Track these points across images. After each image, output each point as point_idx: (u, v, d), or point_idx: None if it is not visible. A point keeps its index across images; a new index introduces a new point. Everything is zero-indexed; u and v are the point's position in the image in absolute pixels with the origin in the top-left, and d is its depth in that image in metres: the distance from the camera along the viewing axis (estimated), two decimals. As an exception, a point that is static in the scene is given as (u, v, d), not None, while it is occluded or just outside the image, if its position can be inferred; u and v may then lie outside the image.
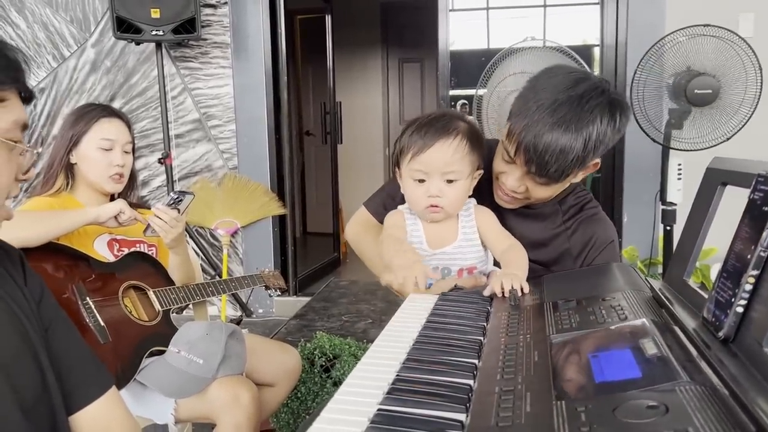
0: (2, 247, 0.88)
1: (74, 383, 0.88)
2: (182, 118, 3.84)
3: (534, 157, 1.18)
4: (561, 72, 1.25)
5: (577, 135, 1.16)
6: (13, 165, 0.80)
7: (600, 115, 1.17)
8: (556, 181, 1.24)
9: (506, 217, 1.43)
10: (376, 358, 0.86)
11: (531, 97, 1.22)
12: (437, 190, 1.26)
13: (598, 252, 1.38)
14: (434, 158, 1.25)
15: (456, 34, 4.02)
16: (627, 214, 3.52)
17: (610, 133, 1.19)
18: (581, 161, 1.20)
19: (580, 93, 1.17)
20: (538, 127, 1.17)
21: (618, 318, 0.83)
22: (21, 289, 0.85)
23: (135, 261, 1.73)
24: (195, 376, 1.52)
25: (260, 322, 3.82)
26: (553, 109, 1.17)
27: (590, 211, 1.43)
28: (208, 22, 3.72)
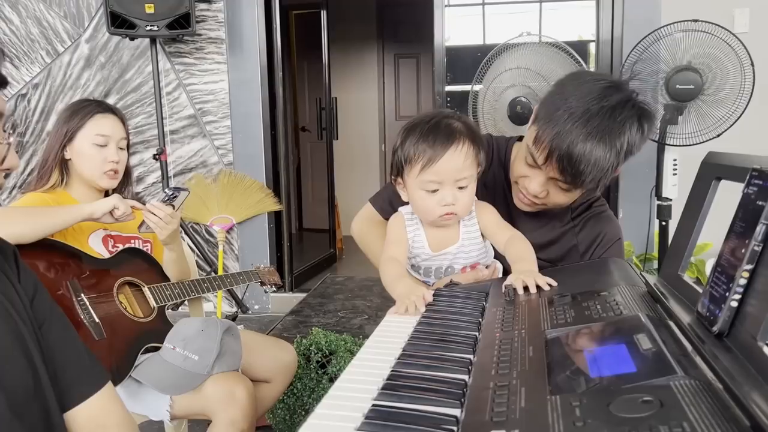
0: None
1: (69, 380, 0.88)
2: (177, 113, 3.83)
3: (568, 168, 1.18)
4: (589, 78, 1.24)
5: (610, 146, 1.16)
6: None
7: (630, 126, 1.18)
8: (593, 189, 1.24)
9: (517, 217, 1.43)
10: (371, 354, 0.86)
11: (561, 104, 1.20)
12: (452, 198, 1.24)
13: (605, 249, 1.39)
14: (447, 167, 1.22)
15: (452, 29, 4.01)
16: (623, 210, 3.53)
17: (638, 141, 1.20)
18: (613, 170, 1.21)
19: (613, 104, 1.17)
20: (572, 137, 1.16)
21: (613, 313, 0.83)
22: (14, 287, 0.84)
23: (130, 257, 1.73)
24: (190, 373, 1.52)
25: (256, 318, 3.82)
26: (586, 119, 1.16)
27: (598, 209, 1.44)
28: (202, 17, 3.70)
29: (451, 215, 1.26)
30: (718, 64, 2.44)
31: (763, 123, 2.95)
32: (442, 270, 1.35)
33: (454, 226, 1.33)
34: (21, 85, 3.89)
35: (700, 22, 2.44)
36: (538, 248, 1.39)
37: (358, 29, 6.15)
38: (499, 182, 1.45)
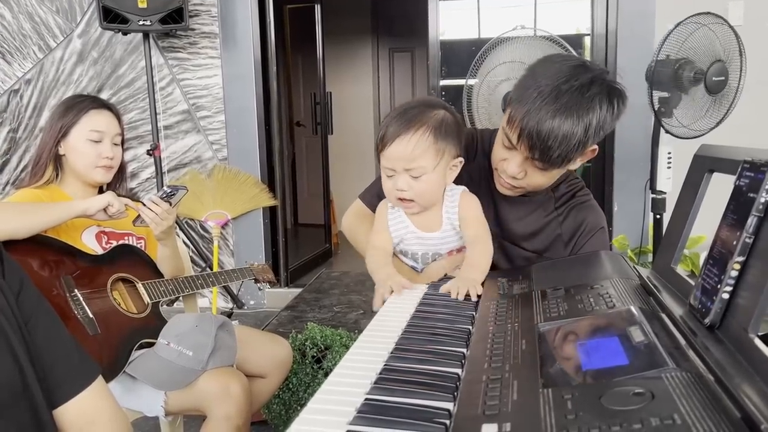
0: None
1: (58, 376, 0.87)
2: (171, 109, 3.81)
3: (537, 143, 1.20)
4: (559, 60, 1.27)
5: (578, 121, 1.18)
6: None
7: (600, 102, 1.20)
8: (557, 166, 1.25)
9: (501, 207, 1.44)
10: (365, 348, 0.86)
11: (531, 84, 1.23)
12: (404, 184, 1.26)
13: (588, 238, 1.40)
14: (395, 155, 1.25)
15: (447, 23, 4.00)
16: (617, 203, 3.53)
17: (609, 119, 1.22)
18: (582, 146, 1.22)
19: (582, 81, 1.19)
20: (540, 114, 1.19)
21: (606, 306, 0.83)
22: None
23: (123, 253, 1.72)
24: (185, 368, 1.51)
25: (251, 313, 3.82)
26: (554, 97, 1.18)
27: (581, 198, 1.45)
28: (195, 11, 3.68)
29: (409, 203, 1.29)
30: (720, 56, 2.44)
31: (753, 116, 2.95)
32: (428, 255, 1.36)
33: (437, 211, 1.34)
34: (13, 80, 3.87)
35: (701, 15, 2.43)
36: (523, 238, 1.42)
37: (352, 23, 6.13)
38: (483, 173, 1.46)
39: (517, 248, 1.44)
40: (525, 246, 1.44)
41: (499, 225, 1.45)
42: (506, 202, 1.44)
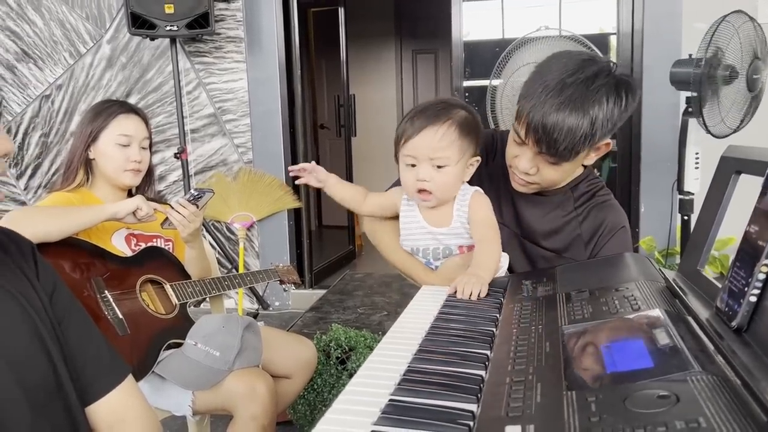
0: (14, 241, 0.88)
1: (90, 375, 0.89)
2: (197, 112, 3.87)
3: (543, 137, 1.21)
4: (567, 55, 1.28)
5: (583, 114, 1.19)
6: None
7: (606, 95, 1.20)
8: (566, 159, 1.25)
9: (520, 207, 1.45)
10: (389, 350, 0.86)
11: (538, 79, 1.25)
12: (426, 174, 1.29)
13: (608, 238, 1.39)
14: (422, 144, 1.28)
15: (470, 24, 4.00)
16: (644, 204, 3.49)
17: (617, 112, 1.22)
18: (589, 139, 1.22)
19: (587, 74, 1.20)
20: (545, 108, 1.20)
21: (631, 308, 0.83)
22: (32, 284, 0.85)
23: (152, 255, 1.75)
24: (212, 368, 1.54)
25: (276, 314, 3.85)
26: (559, 90, 1.19)
27: (601, 198, 1.44)
28: (221, 16, 3.73)
29: (426, 193, 1.31)
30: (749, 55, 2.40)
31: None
32: (439, 251, 1.38)
33: (447, 208, 1.36)
34: (45, 86, 3.96)
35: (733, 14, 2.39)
36: (542, 237, 1.42)
37: (376, 26, 6.15)
38: (503, 172, 1.47)
39: (536, 247, 1.44)
40: (544, 245, 1.43)
41: (519, 224, 1.46)
42: (525, 201, 1.45)
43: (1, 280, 0.80)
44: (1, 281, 0.80)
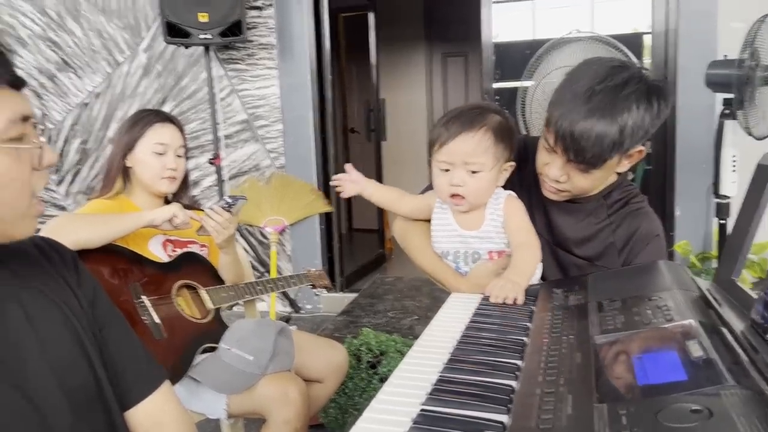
0: (57, 250, 0.91)
1: (128, 380, 0.92)
2: (230, 119, 3.93)
3: (571, 144, 1.21)
4: (598, 62, 1.27)
5: (611, 121, 1.18)
6: (24, 164, 0.76)
7: (636, 102, 1.19)
8: (595, 167, 1.24)
9: (552, 214, 1.44)
10: (419, 358, 0.87)
11: (567, 86, 1.25)
12: (459, 179, 1.31)
13: (643, 246, 1.37)
14: (457, 149, 1.30)
15: (501, 25, 3.98)
16: (679, 208, 3.42)
17: (648, 119, 1.21)
18: (618, 147, 1.21)
19: (617, 82, 1.19)
20: (574, 115, 1.20)
21: (664, 319, 0.82)
22: (74, 293, 0.88)
23: (187, 261, 1.79)
24: (245, 372, 1.56)
25: (308, 318, 3.89)
26: (587, 97, 1.19)
27: (635, 205, 1.42)
28: (253, 24, 3.79)
29: (460, 199, 1.33)
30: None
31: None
32: (468, 254, 1.39)
33: (479, 211, 1.37)
34: (84, 94, 4.07)
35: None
36: (575, 244, 1.41)
37: (405, 30, 6.16)
38: (535, 179, 1.46)
39: (568, 255, 1.43)
40: (576, 252, 1.42)
41: (551, 231, 1.45)
42: (557, 208, 1.44)
43: (45, 289, 0.84)
44: (44, 290, 0.84)
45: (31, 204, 0.77)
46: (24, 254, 0.85)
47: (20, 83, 0.76)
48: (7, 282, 0.80)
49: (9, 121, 0.73)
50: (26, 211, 0.76)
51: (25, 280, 0.83)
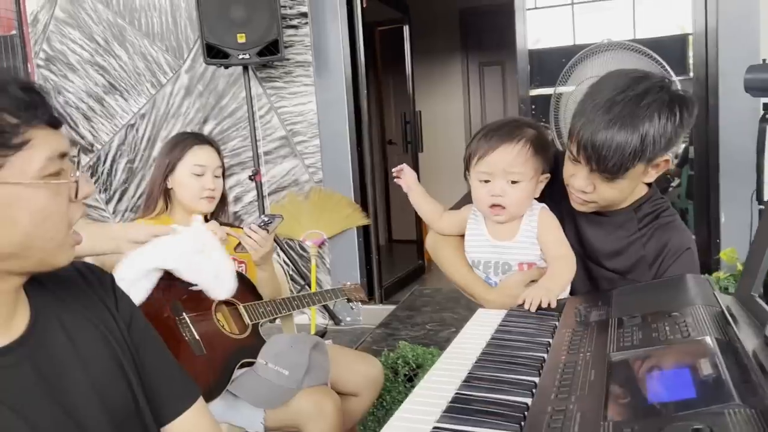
0: (95, 273, 0.96)
1: (164, 397, 0.96)
2: (269, 135, 4.03)
3: (593, 154, 1.23)
4: (619, 74, 1.29)
5: (633, 130, 1.19)
6: (61, 198, 0.81)
7: (658, 111, 1.20)
8: (617, 176, 1.25)
9: (582, 226, 1.44)
10: (440, 375, 0.89)
11: (589, 98, 1.27)
12: (500, 189, 1.34)
13: (674, 259, 1.37)
14: (498, 160, 1.34)
15: (540, 31, 3.96)
16: (724, 214, 3.34)
17: (671, 128, 1.21)
18: (640, 155, 1.22)
19: (638, 92, 1.21)
20: (594, 125, 1.21)
21: (681, 335, 0.82)
22: (112, 314, 0.93)
23: (226, 277, 1.85)
24: (281, 387, 1.61)
25: (348, 330, 3.93)
26: (608, 107, 1.21)
27: (666, 219, 1.42)
28: (290, 42, 3.88)
29: (499, 208, 1.36)
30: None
31: None
32: (499, 265, 1.41)
33: (514, 223, 1.40)
34: (130, 115, 4.23)
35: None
36: (606, 257, 1.41)
37: (442, 41, 6.19)
38: (564, 193, 1.47)
39: (599, 268, 1.44)
40: (607, 265, 1.43)
41: (582, 243, 1.46)
42: (587, 221, 1.45)
43: (85, 312, 0.90)
44: (85, 312, 0.90)
45: (68, 234, 0.82)
46: (65, 279, 0.91)
47: (58, 123, 0.81)
48: (50, 305, 0.86)
49: (47, 159, 0.78)
50: (64, 241, 0.81)
51: (67, 302, 0.89)
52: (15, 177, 0.75)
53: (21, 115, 0.75)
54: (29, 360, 0.80)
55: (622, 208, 1.41)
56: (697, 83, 3.37)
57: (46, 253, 0.80)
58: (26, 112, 0.76)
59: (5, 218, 0.75)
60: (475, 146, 1.39)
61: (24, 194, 0.76)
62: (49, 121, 0.79)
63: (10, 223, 0.75)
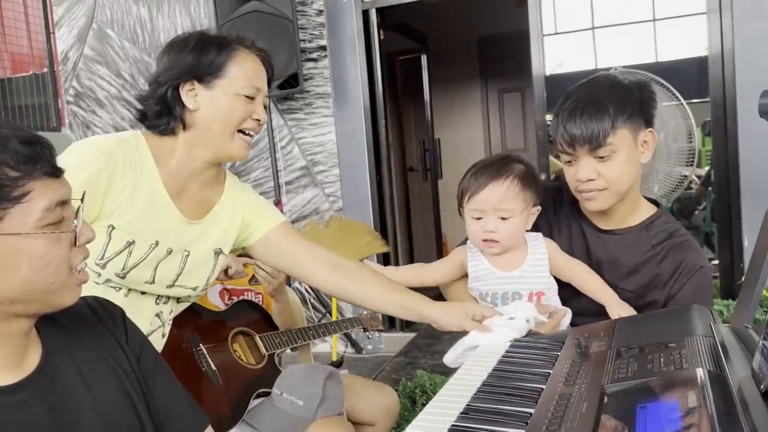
0: (107, 309, 1.00)
1: (173, 428, 0.99)
2: (290, 166, 4.10)
3: (575, 131, 1.34)
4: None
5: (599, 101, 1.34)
6: (62, 245, 0.83)
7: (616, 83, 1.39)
8: (605, 140, 1.33)
9: (595, 248, 1.47)
10: (439, 407, 0.91)
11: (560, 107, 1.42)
12: (492, 226, 1.39)
13: (689, 277, 1.40)
14: (487, 198, 1.40)
15: (562, 56, 3.99)
16: (747, 239, 3.29)
17: (637, 91, 1.38)
18: (619, 111, 1.33)
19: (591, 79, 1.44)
20: (567, 113, 1.36)
21: (674, 367, 0.84)
22: (122, 347, 0.97)
23: (243, 309, 1.90)
24: (296, 417, 1.63)
25: (370, 358, 3.93)
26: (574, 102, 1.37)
27: (679, 239, 1.44)
28: (310, 75, 3.97)
29: (491, 242, 1.41)
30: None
31: None
32: (508, 295, 1.43)
33: (521, 251, 1.43)
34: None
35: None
36: (620, 277, 1.42)
37: (460, 68, 6.25)
38: (573, 217, 1.52)
39: (614, 288, 1.44)
40: (622, 285, 1.44)
41: (593, 265, 1.47)
42: (598, 242, 1.47)
43: (95, 345, 0.94)
44: (94, 346, 0.94)
45: (70, 275, 0.85)
46: (77, 315, 0.95)
47: (59, 172, 0.84)
48: (61, 341, 0.91)
49: (45, 209, 0.80)
50: (66, 283, 0.84)
51: (78, 338, 0.93)
52: (14, 228, 0.78)
53: (21, 168, 0.78)
54: (40, 396, 0.84)
55: (633, 225, 1.45)
56: (715, 106, 3.36)
57: (50, 295, 0.83)
58: (26, 165, 0.78)
59: (6, 267, 0.78)
60: (466, 184, 1.44)
61: (23, 244, 0.78)
62: (49, 171, 0.81)
63: (11, 270, 0.78)
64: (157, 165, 1.35)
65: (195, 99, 1.33)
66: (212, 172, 1.43)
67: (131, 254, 1.31)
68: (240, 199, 1.50)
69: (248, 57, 1.37)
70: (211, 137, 1.34)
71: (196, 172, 1.39)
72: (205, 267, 1.44)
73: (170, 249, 1.36)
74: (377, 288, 1.48)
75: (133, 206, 1.30)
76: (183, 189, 1.39)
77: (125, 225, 1.29)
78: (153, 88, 1.37)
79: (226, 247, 1.48)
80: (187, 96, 1.33)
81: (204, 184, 1.43)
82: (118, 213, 1.28)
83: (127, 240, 1.30)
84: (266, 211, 1.53)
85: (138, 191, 1.31)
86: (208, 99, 1.33)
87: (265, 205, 1.55)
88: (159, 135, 1.37)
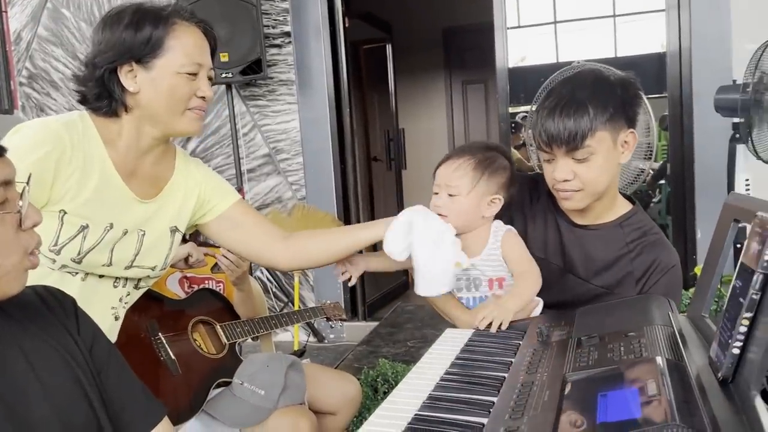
0: (57, 298, 0.97)
1: (128, 418, 0.97)
2: (253, 153, 4.04)
3: (553, 131, 1.33)
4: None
5: (578, 101, 1.33)
6: (7, 226, 0.80)
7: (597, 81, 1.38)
8: (584, 140, 1.32)
9: (568, 244, 1.48)
10: (402, 396, 0.91)
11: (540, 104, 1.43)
12: (441, 201, 1.43)
13: (661, 275, 1.41)
14: (442, 173, 1.45)
15: (525, 50, 4.02)
16: (700, 230, 3.39)
17: (619, 90, 1.36)
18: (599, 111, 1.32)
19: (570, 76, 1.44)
20: (546, 112, 1.35)
21: (634, 355, 0.85)
22: (73, 338, 0.94)
23: (203, 297, 1.86)
24: (257, 407, 1.62)
25: (332, 347, 3.92)
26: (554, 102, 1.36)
27: (653, 237, 1.46)
28: (273, 61, 3.91)
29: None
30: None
31: None
32: (470, 281, 1.46)
33: (479, 240, 1.45)
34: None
35: None
36: (592, 273, 1.43)
37: (424, 59, 6.25)
38: (549, 210, 1.52)
39: (585, 284, 1.46)
40: (594, 281, 1.45)
41: (566, 260, 1.48)
42: (573, 237, 1.48)
43: (45, 336, 0.90)
44: (45, 336, 0.90)
45: (19, 262, 0.81)
46: (25, 303, 0.91)
47: (1, 152, 0.80)
48: (9, 329, 0.87)
49: None
50: (12, 269, 0.81)
51: (27, 328, 0.89)
52: None
53: None
54: None
55: (608, 222, 1.46)
56: (672, 102, 3.44)
57: None
58: None
59: None
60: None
61: None
62: None
63: None
64: (105, 146, 1.30)
65: (135, 81, 1.27)
66: (162, 148, 1.39)
67: (86, 238, 1.27)
68: (192, 174, 1.46)
69: (187, 30, 1.31)
70: (158, 117, 1.30)
71: (145, 150, 1.35)
72: (162, 246, 1.41)
73: (125, 230, 1.33)
74: (336, 233, 1.54)
75: (84, 190, 1.26)
76: (134, 168, 1.35)
77: (77, 209, 1.25)
78: (90, 70, 1.30)
79: (182, 224, 1.45)
80: (126, 78, 1.27)
81: (155, 161, 1.39)
82: (69, 197, 1.24)
83: (80, 224, 1.26)
84: (222, 188, 1.50)
85: (88, 174, 1.26)
86: (148, 81, 1.27)
87: (219, 181, 1.52)
88: (103, 117, 1.32)
